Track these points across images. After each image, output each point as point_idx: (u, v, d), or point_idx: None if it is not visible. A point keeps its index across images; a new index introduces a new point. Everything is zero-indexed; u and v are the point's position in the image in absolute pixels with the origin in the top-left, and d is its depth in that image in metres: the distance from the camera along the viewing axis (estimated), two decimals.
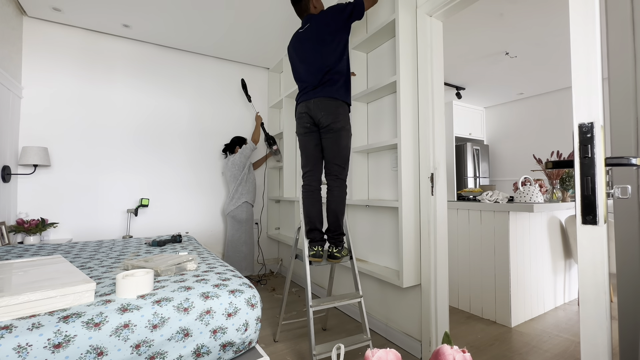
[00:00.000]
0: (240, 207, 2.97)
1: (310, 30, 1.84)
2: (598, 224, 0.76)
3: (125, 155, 3.07)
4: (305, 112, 1.81)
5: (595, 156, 0.75)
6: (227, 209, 3.06)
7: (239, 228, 2.99)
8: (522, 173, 5.34)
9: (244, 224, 3.01)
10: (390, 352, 0.64)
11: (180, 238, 2.25)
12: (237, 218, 2.98)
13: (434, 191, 1.80)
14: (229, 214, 3.05)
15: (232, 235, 3.04)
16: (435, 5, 1.75)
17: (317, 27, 1.82)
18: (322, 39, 1.79)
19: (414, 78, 1.89)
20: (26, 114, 2.69)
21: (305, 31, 1.87)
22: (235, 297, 1.19)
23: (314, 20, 1.85)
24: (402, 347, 1.94)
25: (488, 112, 5.89)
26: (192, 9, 2.64)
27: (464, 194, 2.86)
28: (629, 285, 0.91)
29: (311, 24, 1.85)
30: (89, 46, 2.95)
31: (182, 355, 1.04)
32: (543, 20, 2.88)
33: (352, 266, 1.81)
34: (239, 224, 2.98)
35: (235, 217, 2.99)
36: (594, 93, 0.78)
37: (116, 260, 1.68)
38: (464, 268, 2.53)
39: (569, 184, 2.68)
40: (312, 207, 1.83)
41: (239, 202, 2.98)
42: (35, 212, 2.69)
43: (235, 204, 2.98)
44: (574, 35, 0.82)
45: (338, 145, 1.78)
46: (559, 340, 2.01)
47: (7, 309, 0.90)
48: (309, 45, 1.83)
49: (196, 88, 3.45)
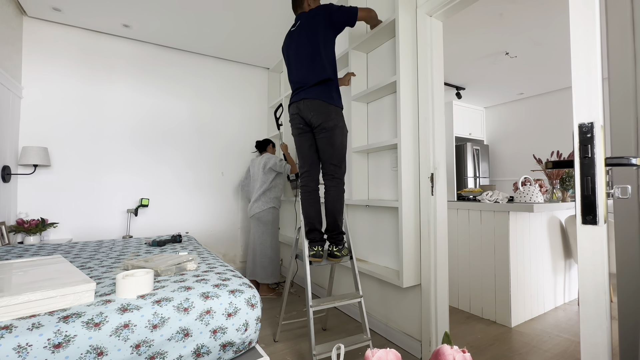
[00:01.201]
0: (267, 211, 2.85)
1: (300, 28, 1.83)
2: (598, 224, 0.76)
3: (126, 155, 3.07)
4: (297, 114, 1.81)
5: (595, 156, 0.75)
6: (252, 211, 2.92)
7: (265, 230, 2.87)
8: (522, 173, 5.34)
9: (270, 226, 2.88)
10: (390, 352, 0.64)
11: (180, 238, 2.25)
12: (262, 220, 2.86)
13: (434, 191, 1.80)
14: (254, 215, 2.90)
15: (257, 238, 2.89)
16: (435, 5, 1.75)
17: (305, 25, 1.81)
18: (309, 37, 1.78)
19: (414, 78, 1.89)
20: (26, 114, 2.69)
21: (296, 29, 1.86)
22: (235, 297, 1.19)
23: (303, 18, 1.84)
24: (402, 347, 1.94)
25: (488, 112, 5.89)
26: (191, 9, 2.64)
27: (464, 194, 2.86)
28: (629, 285, 0.91)
29: (301, 22, 1.84)
30: (88, 46, 2.95)
31: (182, 355, 1.04)
32: (543, 20, 2.88)
33: (352, 266, 1.81)
34: (264, 226, 2.86)
35: (260, 219, 2.86)
36: (594, 93, 0.78)
37: (116, 260, 1.68)
38: (464, 268, 2.53)
39: (569, 184, 2.68)
40: (310, 208, 1.83)
41: (265, 205, 2.85)
42: (35, 212, 2.69)
43: (261, 207, 2.85)
44: (574, 35, 0.82)
45: (332, 144, 1.76)
46: (559, 340, 2.01)
47: (7, 309, 0.90)
48: (298, 43, 1.82)
49: (196, 88, 3.45)
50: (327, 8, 1.79)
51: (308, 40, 1.78)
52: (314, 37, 1.77)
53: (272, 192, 2.91)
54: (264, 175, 2.90)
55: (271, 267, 2.85)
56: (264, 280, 2.81)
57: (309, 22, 1.80)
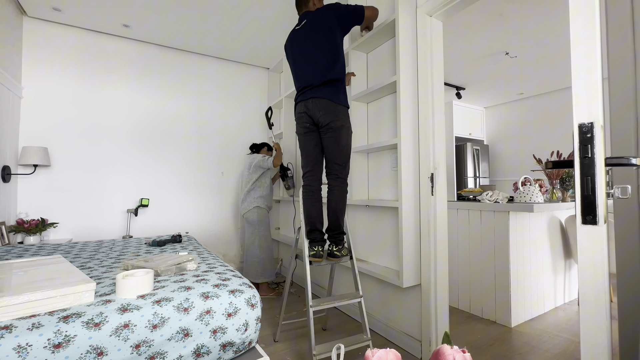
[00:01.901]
0: (251, 211, 2.86)
1: (306, 27, 1.83)
2: (598, 224, 0.76)
3: (126, 155, 3.07)
4: (304, 112, 1.80)
5: (595, 156, 0.75)
6: (241, 211, 2.96)
7: (252, 231, 2.89)
8: (522, 173, 5.33)
9: (256, 225, 2.87)
10: (390, 352, 0.64)
11: (180, 238, 2.25)
12: (249, 220, 2.89)
13: (434, 191, 1.80)
14: (243, 216, 2.94)
15: (247, 238, 2.93)
16: (435, 5, 1.75)
17: (313, 24, 1.80)
18: (317, 36, 1.77)
19: (414, 78, 1.89)
20: (26, 114, 2.69)
21: (302, 28, 1.85)
22: (235, 297, 1.19)
23: (310, 17, 1.83)
24: (402, 347, 1.94)
25: (488, 112, 5.89)
26: (192, 9, 2.64)
27: (464, 194, 2.86)
28: (629, 285, 0.91)
29: (307, 21, 1.83)
30: (88, 46, 2.95)
31: (182, 355, 1.04)
32: (543, 20, 2.87)
33: (352, 266, 1.81)
34: (251, 227, 2.89)
35: (247, 219, 2.90)
36: (594, 93, 0.78)
37: (116, 260, 1.68)
38: (464, 268, 2.53)
39: (569, 184, 2.68)
40: (312, 208, 1.83)
41: (250, 206, 2.87)
42: (35, 212, 2.69)
43: (246, 207, 2.88)
44: (574, 35, 0.82)
45: (338, 144, 1.77)
46: (559, 340, 2.01)
47: (7, 309, 0.90)
48: (305, 42, 1.81)
49: (196, 88, 3.45)
50: (335, 7, 1.80)
51: (316, 40, 1.77)
52: (323, 36, 1.76)
53: (257, 192, 2.90)
54: (249, 175, 2.92)
55: (260, 266, 2.84)
56: (255, 279, 2.81)
57: (316, 21, 1.80)
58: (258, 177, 2.90)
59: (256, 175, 2.89)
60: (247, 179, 2.93)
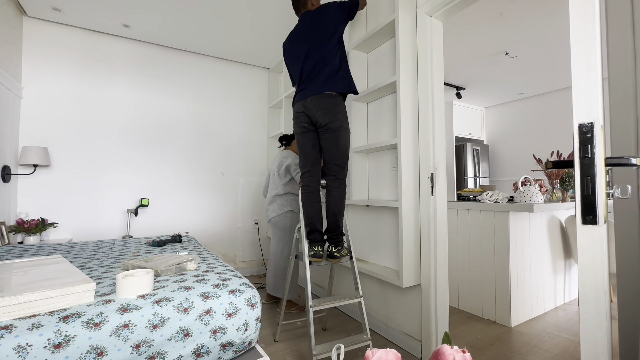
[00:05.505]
0: (283, 215, 2.49)
1: (308, 26, 1.84)
2: (598, 224, 0.76)
3: (126, 155, 3.07)
4: (302, 112, 1.80)
5: (595, 156, 0.75)
6: (268, 215, 2.59)
7: (282, 237, 2.51)
8: (522, 173, 5.34)
9: (287, 232, 2.50)
10: (390, 352, 0.64)
11: (180, 238, 2.24)
12: (279, 225, 2.51)
13: (434, 191, 1.80)
14: (270, 220, 2.56)
15: (275, 247, 2.54)
16: (435, 5, 1.75)
17: (314, 23, 1.82)
18: (319, 35, 1.78)
19: (414, 78, 1.89)
20: (26, 114, 2.68)
21: (303, 28, 1.86)
22: (235, 297, 1.19)
23: (310, 16, 1.85)
24: (402, 347, 1.94)
25: (488, 112, 5.89)
26: (192, 9, 2.64)
27: (464, 194, 2.86)
28: (629, 285, 0.91)
29: (308, 20, 1.85)
30: (88, 46, 2.95)
31: (182, 355, 1.04)
32: (543, 20, 2.87)
33: (352, 266, 1.81)
34: (282, 233, 2.51)
35: (277, 224, 2.52)
36: (594, 93, 0.78)
37: (116, 260, 1.68)
38: (464, 268, 2.53)
39: (569, 184, 2.68)
40: (311, 209, 1.83)
41: (282, 209, 2.49)
42: (35, 212, 2.69)
43: (276, 210, 2.51)
44: (574, 35, 0.82)
45: (337, 144, 1.77)
46: (559, 340, 2.01)
47: (7, 309, 0.90)
48: (307, 42, 1.82)
49: (196, 88, 3.45)
50: (335, 4, 1.84)
51: (319, 39, 1.78)
52: (327, 34, 1.78)
53: (290, 194, 2.52)
54: (278, 175, 2.53)
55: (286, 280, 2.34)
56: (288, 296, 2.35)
57: (318, 20, 1.81)
58: (290, 178, 2.51)
59: (288, 178, 2.50)
60: (277, 179, 2.54)
